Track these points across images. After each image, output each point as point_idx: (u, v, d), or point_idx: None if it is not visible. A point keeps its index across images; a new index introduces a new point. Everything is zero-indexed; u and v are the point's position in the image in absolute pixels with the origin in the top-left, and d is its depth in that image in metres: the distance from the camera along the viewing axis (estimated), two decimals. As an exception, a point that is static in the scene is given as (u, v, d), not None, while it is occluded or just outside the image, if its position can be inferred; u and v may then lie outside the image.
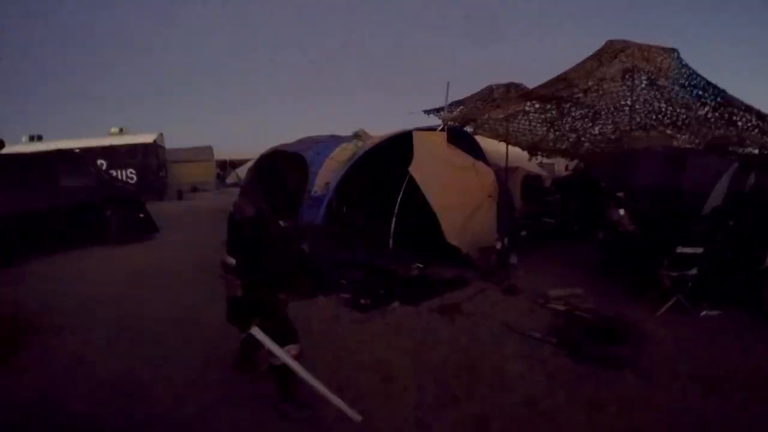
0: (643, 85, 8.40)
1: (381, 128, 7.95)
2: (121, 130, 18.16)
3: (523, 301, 6.19)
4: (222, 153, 26.24)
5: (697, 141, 9.13)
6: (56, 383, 3.95)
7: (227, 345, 3.87)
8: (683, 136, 9.23)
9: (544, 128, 9.92)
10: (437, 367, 4.18)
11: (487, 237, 7.36)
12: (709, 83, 8.19)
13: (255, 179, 3.21)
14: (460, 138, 8.39)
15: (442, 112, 8.87)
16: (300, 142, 10.27)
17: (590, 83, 8.10)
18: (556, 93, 8.15)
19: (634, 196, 8.65)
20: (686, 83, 8.17)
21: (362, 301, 5.91)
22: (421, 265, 7.35)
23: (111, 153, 16.76)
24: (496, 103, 8.72)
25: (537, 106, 9.06)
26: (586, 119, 9.42)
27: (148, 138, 17.68)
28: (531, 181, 13.34)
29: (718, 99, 8.21)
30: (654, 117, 9.09)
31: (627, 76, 8.17)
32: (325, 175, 7.99)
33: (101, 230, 10.23)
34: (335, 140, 9.23)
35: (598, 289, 6.47)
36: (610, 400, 3.59)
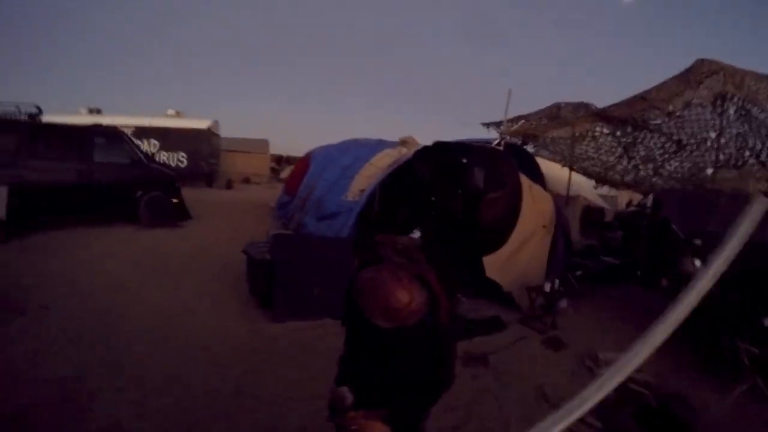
0: (733, 116, 6.94)
1: (432, 138, 6.84)
2: (177, 113, 17.94)
3: (568, 359, 4.96)
4: (278, 147, 25.96)
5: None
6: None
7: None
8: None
9: (615, 155, 8.52)
10: None
11: (535, 274, 6.13)
12: None
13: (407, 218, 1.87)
14: (518, 157, 7.16)
15: (501, 126, 7.67)
16: (342, 143, 9.34)
17: (673, 108, 6.70)
18: (633, 115, 6.78)
19: (711, 246, 7.19)
20: None
21: None
22: (461, 298, 6.11)
23: (165, 134, 16.52)
24: (563, 122, 7.37)
25: (608, 129, 7.66)
26: (665, 149, 7.96)
27: (202, 124, 17.40)
28: (592, 214, 11.96)
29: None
30: (745, 155, 7.57)
31: (718, 103, 6.71)
32: (362, 182, 7.00)
33: (130, 211, 9.86)
34: (380, 145, 8.23)
35: (659, 354, 4.96)
36: None
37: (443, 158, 6.84)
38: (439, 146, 6.75)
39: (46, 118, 9.97)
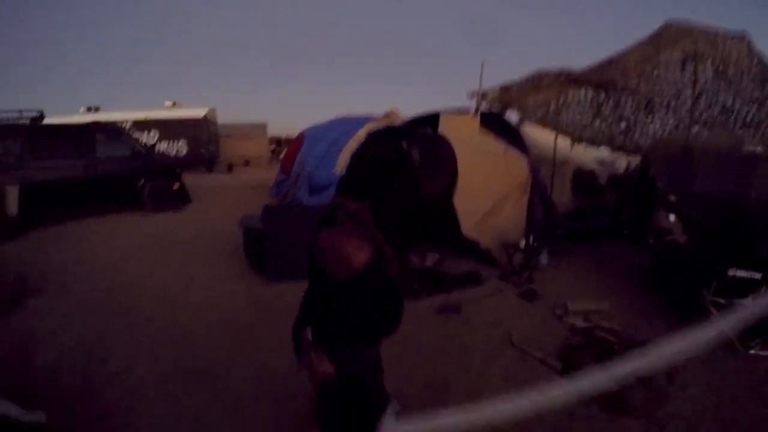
0: (708, 75, 7.18)
1: (417, 109, 7.23)
2: (174, 104, 18.40)
3: (541, 309, 5.25)
4: (277, 130, 26.37)
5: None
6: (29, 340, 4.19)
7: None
8: (754, 138, 7.90)
9: (589, 116, 8.82)
10: (400, 378, 3.42)
11: (513, 232, 6.50)
12: None
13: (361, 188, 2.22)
14: (497, 124, 7.50)
15: (481, 97, 7.97)
16: (331, 120, 9.70)
17: (645, 69, 6.97)
18: (607, 79, 7.09)
19: (691, 201, 7.47)
20: (760, 76, 6.84)
21: None
22: (438, 256, 6.50)
23: (163, 125, 16.99)
24: (540, 88, 7.70)
25: (584, 92, 7.97)
26: (639, 109, 8.24)
27: (199, 112, 17.86)
28: (582, 177, 12.21)
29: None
30: (718, 113, 7.82)
31: (688, 63, 6.96)
32: (347, 155, 7.38)
33: (134, 199, 10.43)
34: (365, 120, 8.58)
35: (635, 305, 5.35)
36: None
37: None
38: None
39: (48, 119, 10.59)
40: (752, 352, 4.39)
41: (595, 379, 1.50)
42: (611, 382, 1.63)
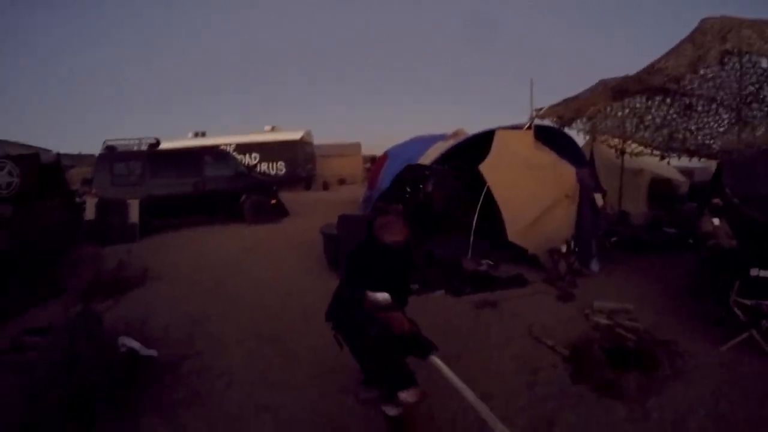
0: (750, 69, 7.24)
1: (485, 126, 8.11)
2: (273, 128, 20.15)
3: (572, 309, 5.78)
4: (371, 148, 27.76)
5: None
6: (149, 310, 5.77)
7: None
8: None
9: (634, 124, 9.13)
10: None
11: (560, 240, 7.10)
12: None
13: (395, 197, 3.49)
14: (553, 136, 8.16)
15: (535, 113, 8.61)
16: (410, 140, 10.72)
17: (683, 70, 7.25)
18: (651, 85, 7.50)
19: (753, 204, 7.54)
20: None
21: (413, 286, 6.14)
22: (491, 262, 7.33)
23: (264, 147, 18.79)
24: (586, 102, 8.21)
25: (640, 101, 8.39)
26: (680, 112, 8.41)
27: (296, 135, 19.48)
28: (659, 186, 12.25)
29: None
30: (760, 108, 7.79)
31: (726, 59, 7.09)
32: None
33: (237, 212, 12.32)
34: (435, 139, 9.55)
35: (674, 309, 5.65)
36: (570, 425, 3.36)
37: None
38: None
39: (163, 145, 12.96)
40: None
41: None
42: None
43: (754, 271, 4.74)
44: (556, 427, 3.31)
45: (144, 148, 12.41)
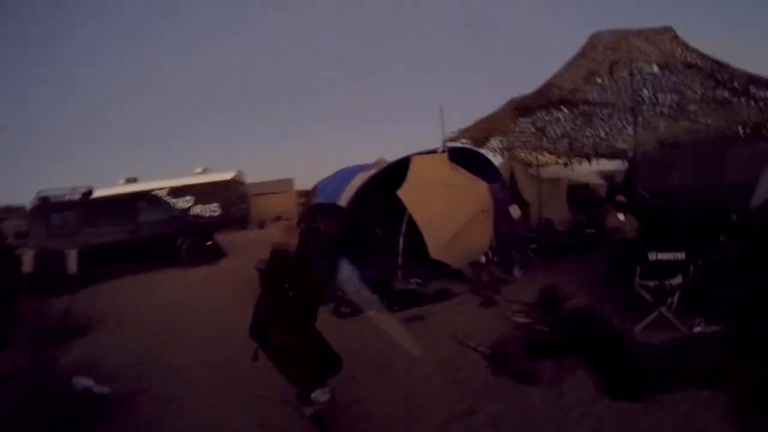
0: (627, 77, 8.09)
1: (407, 151, 8.63)
2: (204, 169, 20.15)
3: (494, 314, 6.39)
4: (304, 182, 27.95)
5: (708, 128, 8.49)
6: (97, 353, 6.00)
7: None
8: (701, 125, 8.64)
9: (537, 137, 9.98)
10: (353, 360, 4.71)
11: (481, 251, 7.65)
12: (718, 62, 7.61)
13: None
14: (467, 156, 8.77)
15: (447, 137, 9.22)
16: (337, 172, 11.08)
17: (578, 83, 8.06)
18: (550, 100, 8.28)
19: (666, 197, 8.25)
20: (685, 65, 7.71)
21: (342, 309, 6.79)
22: (419, 280, 7.78)
23: (197, 190, 18.75)
24: (492, 122, 8.98)
25: (525, 119, 9.20)
26: (577, 121, 9.28)
27: (227, 175, 19.52)
28: (577, 192, 13.15)
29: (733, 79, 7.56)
30: (656, 108, 8.66)
31: (615, 69, 8.00)
32: (343, 202, 8.70)
33: (174, 256, 12.39)
34: (359, 169, 9.91)
35: (593, 301, 6.30)
36: (490, 411, 3.82)
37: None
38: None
39: (96, 193, 12.86)
40: (697, 329, 4.95)
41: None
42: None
43: (651, 255, 5.33)
44: (477, 414, 3.81)
45: (77, 197, 12.34)
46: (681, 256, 5.28)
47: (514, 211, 8.64)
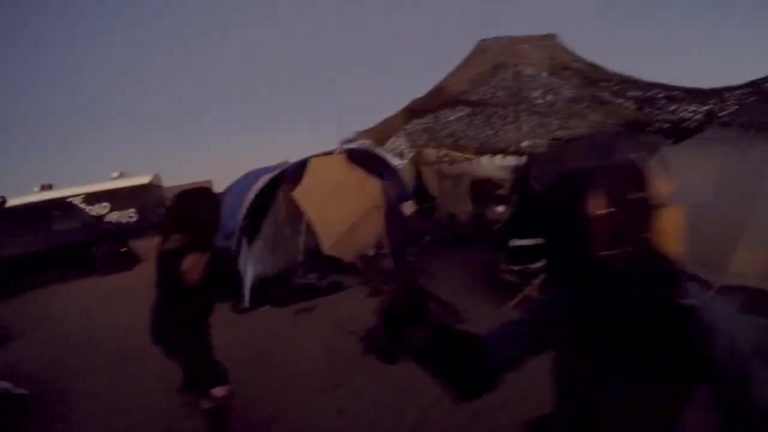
0: (509, 79, 8.86)
1: (318, 148, 9.23)
2: (120, 174, 20.05)
3: (376, 301, 7.06)
4: (223, 184, 27.95)
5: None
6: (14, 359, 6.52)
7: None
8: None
9: (423, 138, 10.79)
10: (230, 349, 5.38)
11: (371, 245, 8.36)
12: (595, 65, 8.56)
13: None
14: (366, 157, 9.47)
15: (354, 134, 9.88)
16: (243, 175, 11.52)
17: (465, 86, 8.81)
18: (444, 101, 9.02)
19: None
20: (568, 68, 8.52)
21: (239, 306, 7.55)
22: (316, 275, 8.41)
23: (112, 195, 18.71)
24: (388, 123, 9.71)
25: (417, 120, 9.96)
26: (473, 120, 10.10)
27: (144, 179, 19.58)
28: (479, 187, 14.07)
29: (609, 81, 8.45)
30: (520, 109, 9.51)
31: (497, 71, 8.71)
32: (246, 205, 9.21)
33: (89, 264, 12.56)
34: (263, 171, 10.40)
35: (474, 284, 7.26)
36: (356, 384, 4.62)
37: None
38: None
39: (10, 202, 12.94)
40: None
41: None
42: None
43: (513, 242, 6.11)
44: (344, 386, 4.65)
45: None
46: (540, 241, 5.92)
47: (407, 207, 9.46)
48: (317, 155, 9.27)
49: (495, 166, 14.67)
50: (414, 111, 10.00)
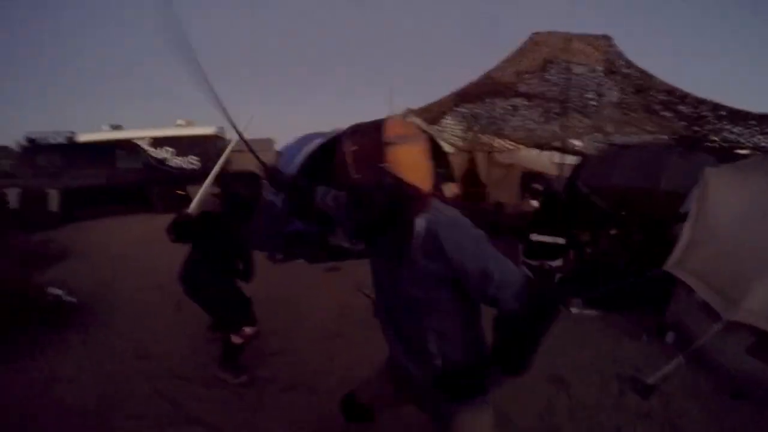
0: (557, 75, 8.77)
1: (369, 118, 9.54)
2: (187, 122, 20.88)
3: None
4: (283, 145, 28.67)
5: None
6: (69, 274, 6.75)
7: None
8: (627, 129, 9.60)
9: (464, 125, 10.93)
10: (275, 299, 6.18)
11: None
12: (650, 75, 8.08)
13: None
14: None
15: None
16: (299, 138, 12.04)
17: (512, 78, 8.89)
18: (484, 90, 9.18)
19: (600, 194, 9.04)
20: (621, 71, 8.19)
21: (276, 256, 8.27)
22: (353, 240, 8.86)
23: (176, 141, 19.58)
24: (436, 106, 9.97)
25: (463, 107, 10.14)
26: (505, 111, 10.20)
27: (208, 130, 20.27)
28: (531, 180, 14.07)
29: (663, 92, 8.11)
30: (567, 107, 9.42)
31: (548, 67, 8.59)
32: (295, 166, 9.74)
33: (147, 202, 13.77)
34: (317, 136, 10.88)
35: None
36: (355, 337, 5.07)
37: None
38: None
39: (80, 137, 14.13)
40: (574, 310, 5.61)
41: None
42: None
43: (533, 236, 6.14)
44: (342, 337, 5.22)
45: (62, 140, 13.56)
46: (561, 241, 6.06)
47: (448, 189, 9.75)
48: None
49: (546, 161, 14.71)
50: (464, 95, 10.19)
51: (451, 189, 9.91)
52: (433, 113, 10.83)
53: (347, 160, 1.69)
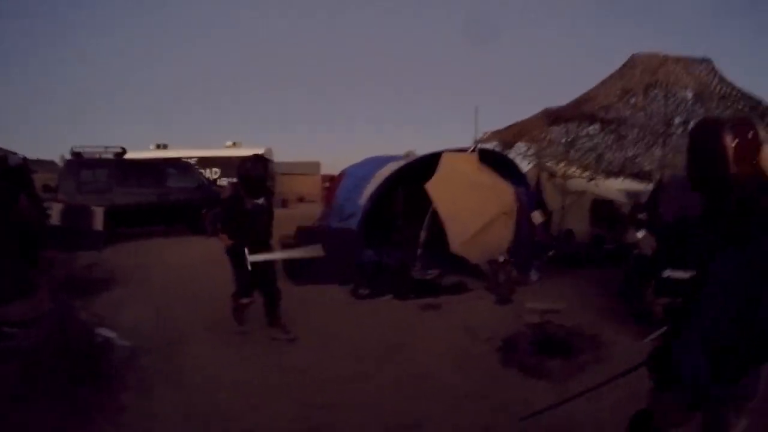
0: (661, 99, 8.22)
1: (438, 147, 8.91)
2: (234, 144, 20.60)
3: (508, 311, 6.56)
4: (330, 168, 28.30)
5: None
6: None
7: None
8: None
9: (566, 148, 10.08)
10: (371, 343, 5.26)
11: (500, 251, 7.87)
12: (752, 97, 7.85)
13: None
14: (495, 159, 9.02)
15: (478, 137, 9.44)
16: (364, 160, 11.37)
17: (612, 99, 8.20)
18: (583, 113, 8.44)
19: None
20: (719, 97, 7.83)
21: (360, 291, 7.11)
22: (437, 271, 8.01)
23: (224, 162, 19.24)
24: (523, 127, 9.18)
25: (558, 127, 9.34)
26: (607, 138, 9.39)
27: (256, 152, 19.90)
28: (601, 207, 13.26)
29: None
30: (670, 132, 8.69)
31: (650, 91, 8.11)
32: (370, 189, 9.00)
33: (197, 224, 12.67)
34: (388, 159, 10.19)
35: (606, 311, 6.40)
36: (498, 397, 4.04)
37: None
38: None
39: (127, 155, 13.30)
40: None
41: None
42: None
43: (666, 273, 5.46)
44: (489, 399, 4.02)
45: (110, 156, 12.76)
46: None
47: (536, 217, 8.89)
48: (450, 150, 8.89)
49: (617, 188, 13.85)
50: (554, 118, 9.40)
51: (537, 217, 9.07)
52: (510, 136, 10.02)
53: (725, 154, 1.75)
